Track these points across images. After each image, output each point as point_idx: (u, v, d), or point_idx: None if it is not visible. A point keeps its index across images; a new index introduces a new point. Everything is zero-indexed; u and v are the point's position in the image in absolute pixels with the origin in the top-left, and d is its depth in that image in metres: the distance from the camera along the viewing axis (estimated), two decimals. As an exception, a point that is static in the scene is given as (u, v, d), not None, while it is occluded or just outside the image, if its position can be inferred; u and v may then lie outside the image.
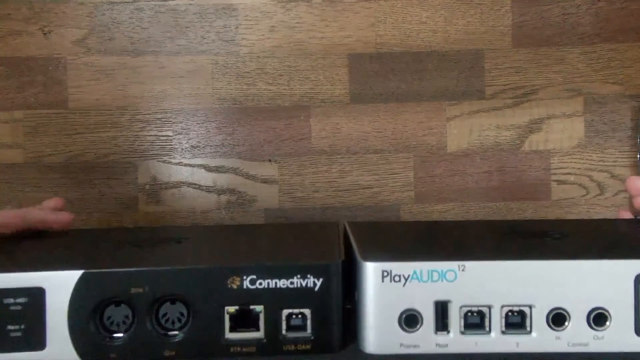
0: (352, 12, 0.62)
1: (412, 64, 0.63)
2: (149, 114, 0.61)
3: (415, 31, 0.63)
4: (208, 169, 0.62)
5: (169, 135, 0.62)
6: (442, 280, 0.23)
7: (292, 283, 0.23)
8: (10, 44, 0.60)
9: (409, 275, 0.22)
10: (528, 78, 0.64)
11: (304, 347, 0.23)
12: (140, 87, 0.61)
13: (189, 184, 0.62)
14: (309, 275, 0.23)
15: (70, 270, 0.27)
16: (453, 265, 0.22)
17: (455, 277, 0.23)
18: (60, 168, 0.61)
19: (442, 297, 0.23)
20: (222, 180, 0.63)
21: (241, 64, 0.62)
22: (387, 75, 0.63)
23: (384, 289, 0.23)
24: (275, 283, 0.23)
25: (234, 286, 0.24)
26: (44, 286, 0.27)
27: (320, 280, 0.23)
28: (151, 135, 0.62)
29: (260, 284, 0.23)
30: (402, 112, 0.63)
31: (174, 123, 0.62)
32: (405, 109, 0.63)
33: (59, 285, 0.27)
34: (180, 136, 0.62)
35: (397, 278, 0.23)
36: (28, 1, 0.59)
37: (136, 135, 0.62)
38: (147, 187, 0.62)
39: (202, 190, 0.63)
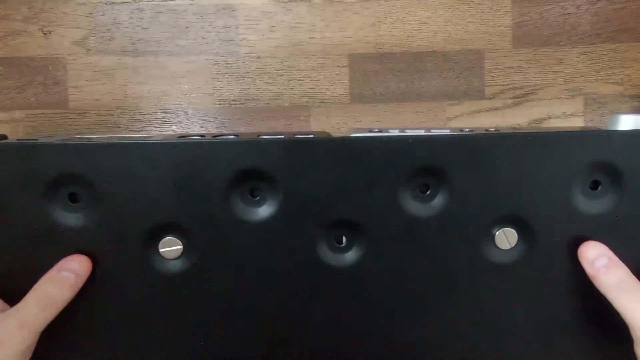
0: (352, 12, 0.62)
1: (413, 64, 0.63)
2: (149, 114, 0.61)
3: (415, 31, 0.63)
4: (208, 169, 0.62)
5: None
6: None
7: None
8: (10, 44, 0.59)
9: None
10: (528, 78, 0.64)
11: None
12: (140, 87, 0.61)
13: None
14: None
15: None
16: None
17: None
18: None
19: None
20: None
21: (241, 64, 0.62)
22: (387, 75, 0.63)
23: None
24: None
25: None
26: None
27: None
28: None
29: None
30: (402, 112, 0.63)
31: (174, 123, 0.62)
32: (405, 108, 0.63)
33: None
34: (181, 136, 0.62)
35: None
36: (28, 1, 0.59)
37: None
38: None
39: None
